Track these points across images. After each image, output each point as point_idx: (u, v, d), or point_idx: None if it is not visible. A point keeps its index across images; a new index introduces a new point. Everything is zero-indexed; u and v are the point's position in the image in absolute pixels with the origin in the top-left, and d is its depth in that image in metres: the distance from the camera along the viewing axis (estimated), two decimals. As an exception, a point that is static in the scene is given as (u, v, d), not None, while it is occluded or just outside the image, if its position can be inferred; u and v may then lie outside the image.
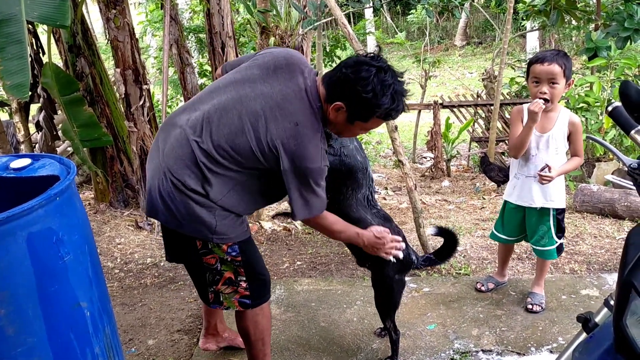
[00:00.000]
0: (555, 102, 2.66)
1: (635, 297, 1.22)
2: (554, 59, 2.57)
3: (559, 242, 2.88)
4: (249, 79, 1.97)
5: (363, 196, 2.29)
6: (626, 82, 1.39)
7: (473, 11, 18.91)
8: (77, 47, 4.42)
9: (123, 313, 3.09)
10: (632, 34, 5.40)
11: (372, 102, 1.81)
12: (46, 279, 1.74)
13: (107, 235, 4.15)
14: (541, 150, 2.74)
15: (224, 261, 2.06)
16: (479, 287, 3.16)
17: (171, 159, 1.95)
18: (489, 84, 8.73)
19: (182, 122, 1.97)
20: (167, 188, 1.95)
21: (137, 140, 4.54)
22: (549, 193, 2.79)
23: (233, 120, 1.89)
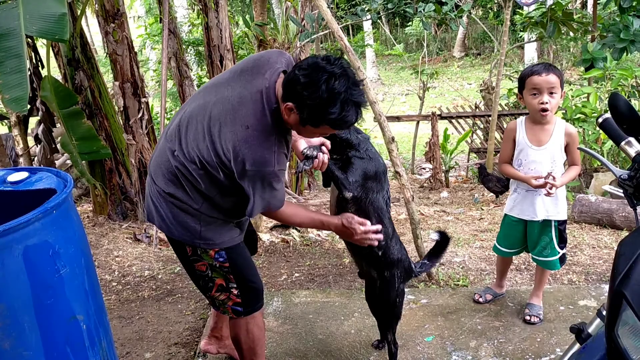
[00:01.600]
0: (553, 112, 2.67)
1: (626, 307, 1.23)
2: (550, 70, 2.60)
3: (561, 253, 2.87)
4: (217, 83, 1.99)
5: (383, 198, 2.28)
6: (615, 95, 1.40)
7: (471, 23, 19.05)
8: (76, 61, 4.45)
9: (120, 326, 3.08)
10: (628, 45, 5.44)
11: (319, 109, 1.73)
12: (42, 292, 1.74)
13: (105, 247, 4.16)
14: (539, 164, 2.74)
15: (213, 267, 2.07)
16: (477, 298, 3.16)
17: (154, 165, 2.03)
18: (487, 95, 8.77)
19: (167, 130, 2.04)
20: (155, 194, 2.02)
21: (136, 152, 4.56)
22: (550, 206, 2.79)
23: (197, 127, 1.89)
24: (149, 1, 12.96)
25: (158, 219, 2.03)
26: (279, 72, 1.89)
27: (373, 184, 2.22)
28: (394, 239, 2.37)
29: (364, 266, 2.46)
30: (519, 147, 2.79)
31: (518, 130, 2.80)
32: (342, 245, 4.18)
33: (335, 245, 4.21)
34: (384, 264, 2.35)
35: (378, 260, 2.33)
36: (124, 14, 4.41)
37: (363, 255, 2.37)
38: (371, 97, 3.31)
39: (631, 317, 1.22)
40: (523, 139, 2.77)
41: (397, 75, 20.46)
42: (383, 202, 2.28)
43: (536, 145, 2.73)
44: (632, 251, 1.26)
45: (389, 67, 21.69)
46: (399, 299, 2.44)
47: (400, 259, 2.39)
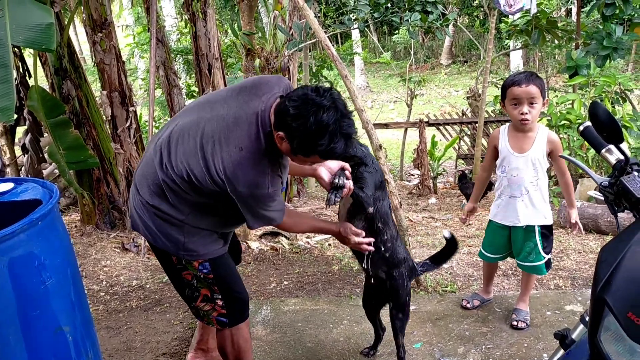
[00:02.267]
0: (534, 121, 2.71)
1: (608, 313, 1.24)
2: (530, 80, 2.62)
3: (547, 258, 2.90)
4: (213, 100, 1.98)
5: (387, 203, 2.37)
6: (595, 103, 1.43)
7: (458, 31, 19.20)
8: (64, 70, 4.43)
9: (108, 337, 3.07)
10: (611, 52, 5.52)
11: (308, 141, 1.74)
12: (28, 304, 1.74)
13: (92, 257, 4.13)
14: (521, 170, 2.78)
15: (198, 278, 2.08)
16: (465, 304, 3.18)
17: (139, 176, 2.02)
18: (474, 102, 8.83)
19: (155, 141, 2.03)
20: (139, 204, 2.02)
21: (124, 162, 4.55)
22: (532, 212, 2.82)
23: (189, 142, 1.88)
24: (137, 10, 12.95)
25: (143, 228, 2.04)
26: (276, 96, 1.90)
27: (379, 193, 2.30)
28: (399, 239, 2.46)
29: (371, 270, 2.49)
30: (502, 154, 2.84)
31: (501, 138, 2.84)
32: (331, 253, 4.19)
33: (325, 252, 4.22)
34: (392, 264, 2.42)
35: (386, 260, 2.40)
36: (111, 23, 4.41)
37: (372, 258, 2.41)
38: (358, 105, 3.34)
39: (613, 323, 1.24)
40: (505, 146, 2.82)
41: (385, 82, 20.56)
42: (387, 207, 2.37)
43: (518, 152, 2.77)
44: (613, 257, 1.28)
45: (377, 74, 21.78)
46: (407, 298, 2.50)
47: (406, 257, 2.47)
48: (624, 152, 1.46)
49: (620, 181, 1.45)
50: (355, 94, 3.34)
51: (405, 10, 5.13)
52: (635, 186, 1.42)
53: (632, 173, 1.46)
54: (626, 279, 1.25)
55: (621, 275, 1.25)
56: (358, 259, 2.49)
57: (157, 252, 2.12)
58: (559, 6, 13.72)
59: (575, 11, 7.45)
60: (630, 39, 5.76)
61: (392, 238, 2.39)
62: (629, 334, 1.21)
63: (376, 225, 2.32)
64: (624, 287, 1.24)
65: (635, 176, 1.45)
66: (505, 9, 5.37)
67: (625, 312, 1.21)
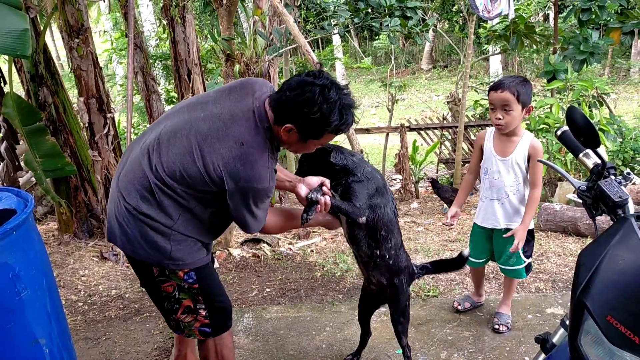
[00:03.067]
0: (510, 127, 2.71)
1: (587, 317, 1.25)
2: (507, 87, 2.62)
3: (527, 262, 2.92)
4: (203, 101, 1.97)
5: (391, 210, 2.33)
6: (572, 108, 1.44)
7: (437, 36, 19.38)
8: (40, 77, 4.37)
9: (87, 348, 3.01)
10: (588, 57, 5.61)
11: (321, 122, 1.81)
12: (2, 316, 1.70)
13: (70, 267, 4.06)
14: (503, 174, 2.80)
15: (181, 288, 2.02)
16: (456, 306, 3.18)
17: (124, 182, 1.93)
18: (454, 106, 8.91)
19: (140, 145, 1.97)
20: (122, 212, 1.91)
21: (102, 169, 4.48)
22: (511, 214, 2.84)
23: (182, 142, 1.86)
24: (115, 16, 12.84)
25: (122, 238, 1.94)
26: (266, 94, 1.93)
27: (378, 200, 2.26)
28: (402, 247, 2.44)
29: (373, 276, 2.48)
30: (486, 155, 2.87)
31: (486, 139, 2.87)
32: (313, 259, 4.17)
33: (307, 259, 4.20)
34: (394, 272, 2.40)
35: (389, 268, 2.38)
36: (88, 29, 4.35)
37: (375, 265, 2.40)
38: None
39: (593, 327, 1.24)
40: (490, 148, 2.84)
41: (366, 87, 20.65)
42: (392, 213, 2.33)
43: (501, 156, 2.79)
44: (592, 261, 1.29)
45: (358, 79, 21.87)
46: (408, 302, 2.49)
47: (407, 265, 2.46)
48: (601, 156, 1.47)
49: (598, 185, 1.46)
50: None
51: (385, 16, 5.16)
52: (612, 190, 1.43)
53: (609, 177, 1.47)
54: (605, 282, 1.26)
55: (600, 279, 1.26)
56: (363, 266, 2.48)
57: (136, 265, 2.04)
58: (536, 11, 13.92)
59: (552, 16, 7.56)
60: (606, 44, 5.87)
61: (396, 246, 2.36)
62: (608, 337, 1.22)
63: (379, 233, 2.28)
64: (603, 290, 1.25)
65: (612, 180, 1.46)
66: (484, 14, 5.42)
67: (604, 316, 1.22)
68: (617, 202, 1.40)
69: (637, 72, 17.50)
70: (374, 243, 2.31)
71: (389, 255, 2.34)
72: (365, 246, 2.33)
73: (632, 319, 1.18)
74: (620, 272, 1.25)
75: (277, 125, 1.86)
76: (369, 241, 2.31)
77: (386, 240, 2.31)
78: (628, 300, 1.21)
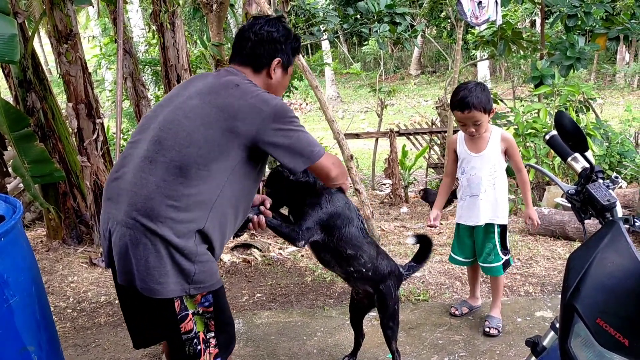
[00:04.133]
0: (482, 133, 2.80)
1: (577, 320, 1.26)
2: (473, 106, 2.65)
3: (504, 259, 2.97)
4: (175, 94, 1.94)
5: (357, 228, 2.29)
6: (560, 113, 1.45)
7: (426, 42, 19.49)
8: (28, 82, 4.34)
9: (76, 355, 2.98)
10: (575, 62, 5.68)
11: (292, 44, 2.02)
12: (-10, 324, 1.68)
13: (59, 273, 4.02)
14: (478, 169, 2.87)
15: (196, 315, 1.84)
16: (453, 311, 3.20)
17: (143, 202, 1.75)
18: (443, 111, 8.96)
19: (131, 167, 1.81)
20: (143, 241, 1.73)
21: (91, 175, 4.46)
22: (491, 210, 2.90)
23: (182, 124, 1.79)
24: (104, 21, 12.78)
25: (143, 275, 1.73)
26: (220, 71, 2.04)
27: (338, 221, 2.21)
28: (380, 255, 2.41)
29: (357, 287, 2.50)
30: (461, 156, 2.94)
31: (458, 142, 2.95)
32: (303, 264, 4.17)
33: (297, 263, 4.20)
34: (377, 280, 2.40)
35: (370, 278, 2.38)
36: (77, 34, 4.34)
37: (355, 279, 2.40)
38: (329, 115, 3.35)
39: (583, 330, 1.26)
40: (463, 148, 2.92)
41: (355, 93, 20.73)
42: (358, 230, 2.28)
43: (475, 152, 2.87)
44: (581, 265, 1.31)
45: (347, 85, 21.96)
46: (396, 306, 2.49)
47: (391, 270, 2.44)
48: (590, 160, 1.49)
49: (586, 189, 1.48)
50: (326, 104, 3.35)
51: (374, 22, 5.18)
52: (600, 193, 1.44)
53: (597, 181, 1.49)
54: (594, 285, 1.27)
55: (589, 282, 1.28)
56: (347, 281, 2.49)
57: (156, 309, 1.79)
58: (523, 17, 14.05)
59: (539, 22, 7.64)
60: (592, 49, 5.94)
61: (370, 259, 2.32)
62: (598, 339, 1.23)
63: (345, 253, 2.25)
64: (592, 293, 1.26)
65: (601, 184, 1.48)
66: (472, 20, 5.47)
67: (594, 319, 1.23)
68: (606, 205, 1.42)
69: (623, 78, 17.72)
70: (344, 262, 2.29)
71: (366, 269, 2.32)
72: (337, 266, 2.33)
73: (621, 322, 1.20)
74: (609, 275, 1.26)
75: (259, 71, 1.96)
76: (338, 261, 2.30)
77: (356, 257, 2.28)
78: (617, 303, 1.23)
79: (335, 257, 2.29)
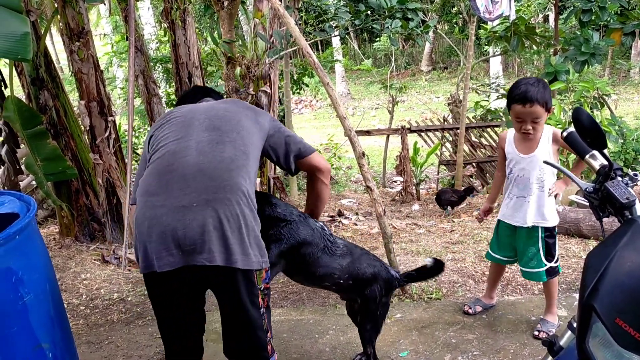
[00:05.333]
0: (538, 132, 2.69)
1: (596, 320, 1.24)
2: (535, 100, 2.53)
3: (548, 265, 2.86)
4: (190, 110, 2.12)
5: (323, 250, 2.27)
6: (578, 109, 1.43)
7: (437, 37, 19.39)
8: (40, 80, 4.36)
9: (89, 352, 3.00)
10: (589, 58, 5.60)
11: None
12: (5, 321, 1.69)
13: (72, 270, 4.05)
14: (527, 171, 2.78)
15: (259, 290, 1.91)
16: (467, 310, 3.16)
17: (218, 182, 1.82)
18: (455, 108, 8.91)
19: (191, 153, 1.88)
20: (236, 219, 1.80)
21: (103, 172, 4.48)
22: (540, 212, 2.81)
23: (227, 115, 2.03)
24: (116, 19, 12.84)
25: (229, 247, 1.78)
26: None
27: (302, 249, 2.21)
28: (358, 261, 2.37)
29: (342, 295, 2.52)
30: (509, 156, 2.85)
31: (507, 142, 2.85)
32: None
33: (309, 261, 4.19)
34: (360, 287, 2.38)
35: (351, 287, 2.37)
36: (89, 32, 4.35)
37: (337, 290, 2.43)
38: (341, 112, 3.33)
39: (601, 329, 1.23)
40: (512, 149, 2.82)
41: (366, 89, 20.66)
42: (324, 252, 2.27)
43: (524, 154, 2.77)
44: (599, 263, 1.28)
45: (358, 81, 21.89)
46: (380, 311, 2.46)
47: (375, 273, 2.40)
48: (608, 157, 1.46)
49: (605, 187, 1.45)
50: (337, 101, 3.33)
51: (386, 18, 5.15)
52: (619, 191, 1.42)
53: (615, 178, 1.46)
54: (613, 284, 1.24)
55: (608, 281, 1.25)
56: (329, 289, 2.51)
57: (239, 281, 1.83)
58: (536, 12, 13.93)
59: (553, 17, 7.56)
60: (607, 45, 5.86)
61: (343, 272, 2.31)
62: (617, 340, 1.21)
63: (316, 275, 2.27)
64: (611, 293, 1.24)
65: (619, 181, 1.45)
66: (485, 15, 5.42)
67: (612, 318, 1.21)
68: (625, 203, 1.39)
69: (638, 73, 17.52)
70: (318, 281, 2.32)
71: (343, 280, 2.32)
72: (313, 285, 2.38)
73: (641, 322, 1.17)
74: (629, 274, 1.24)
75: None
76: (312, 282, 2.34)
77: (327, 275, 2.29)
78: (636, 303, 1.20)
79: (308, 279, 2.32)
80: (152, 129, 2.11)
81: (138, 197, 1.87)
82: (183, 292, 1.89)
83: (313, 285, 2.42)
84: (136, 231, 1.82)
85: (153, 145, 1.99)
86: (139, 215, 1.82)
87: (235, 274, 1.80)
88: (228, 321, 1.93)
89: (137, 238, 1.82)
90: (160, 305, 1.92)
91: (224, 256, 1.77)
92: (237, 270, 1.80)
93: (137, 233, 1.81)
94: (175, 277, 1.79)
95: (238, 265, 1.79)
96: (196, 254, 1.75)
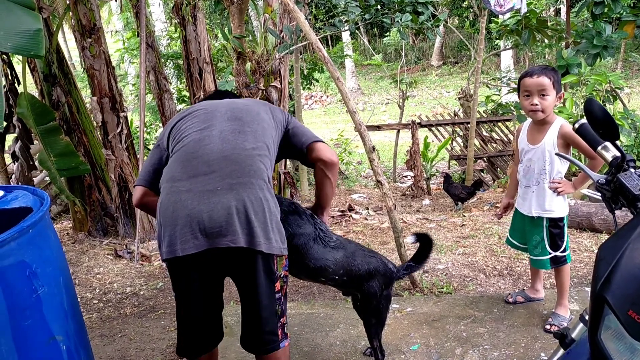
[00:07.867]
0: (547, 113, 2.69)
1: (608, 312, 1.23)
2: (542, 72, 2.65)
3: (553, 254, 2.86)
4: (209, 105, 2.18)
5: (315, 240, 2.27)
6: (590, 100, 1.42)
7: (448, 32, 19.28)
8: (53, 76, 4.40)
9: (102, 345, 3.03)
10: (601, 51, 5.55)
11: None
12: (19, 314, 1.71)
13: (85, 265, 4.09)
14: (533, 161, 2.81)
15: (279, 278, 1.96)
16: (508, 298, 3.20)
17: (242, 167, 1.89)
18: (466, 102, 8.86)
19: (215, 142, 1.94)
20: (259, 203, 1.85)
21: (115, 167, 4.51)
22: (542, 203, 2.82)
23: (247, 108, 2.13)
24: (127, 15, 12.90)
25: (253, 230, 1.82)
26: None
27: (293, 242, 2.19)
28: (352, 257, 2.36)
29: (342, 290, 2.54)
30: (520, 146, 2.90)
31: (522, 131, 2.90)
32: (325, 256, 4.16)
33: (319, 256, 4.19)
34: (358, 282, 2.38)
35: (348, 283, 2.38)
36: (100, 28, 4.38)
37: (335, 286, 2.44)
38: (351, 107, 3.32)
39: (613, 321, 1.23)
40: (523, 138, 2.88)
41: (376, 84, 20.60)
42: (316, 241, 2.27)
43: (532, 144, 2.80)
44: (612, 255, 1.27)
45: (368, 76, 21.83)
46: (382, 305, 2.45)
47: (372, 268, 2.40)
48: (621, 149, 1.45)
49: (618, 178, 1.43)
50: (347, 96, 3.33)
51: (396, 12, 5.13)
52: (632, 183, 1.40)
53: (628, 170, 1.45)
54: (625, 276, 1.24)
55: (620, 273, 1.24)
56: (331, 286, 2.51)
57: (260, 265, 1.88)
58: (548, 5, 13.80)
59: (564, 10, 7.49)
60: (620, 37, 5.79)
61: (338, 266, 2.31)
62: (629, 332, 1.20)
63: (310, 268, 2.26)
64: (623, 285, 1.23)
65: (632, 173, 1.43)
66: (496, 9, 5.39)
67: (625, 310, 1.20)
68: (638, 195, 1.38)
69: (651, 66, 17.32)
70: (313, 275, 2.32)
71: (338, 275, 2.32)
72: (309, 279, 2.39)
73: (654, 314, 1.17)
74: (641, 266, 1.23)
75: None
76: (307, 275, 2.33)
77: (323, 269, 2.28)
78: (649, 295, 1.19)
79: (303, 273, 2.31)
80: (173, 120, 2.16)
81: (163, 184, 1.93)
82: (204, 278, 1.93)
83: (310, 279, 2.42)
84: (160, 218, 1.86)
85: (176, 137, 2.04)
86: (164, 201, 1.87)
87: (256, 258, 1.85)
88: (244, 304, 1.98)
89: (161, 224, 1.86)
90: (181, 291, 1.96)
91: (248, 238, 1.81)
92: (258, 254, 1.84)
93: (162, 219, 1.85)
94: (198, 261, 1.84)
95: (261, 248, 1.83)
96: (221, 237, 1.79)
